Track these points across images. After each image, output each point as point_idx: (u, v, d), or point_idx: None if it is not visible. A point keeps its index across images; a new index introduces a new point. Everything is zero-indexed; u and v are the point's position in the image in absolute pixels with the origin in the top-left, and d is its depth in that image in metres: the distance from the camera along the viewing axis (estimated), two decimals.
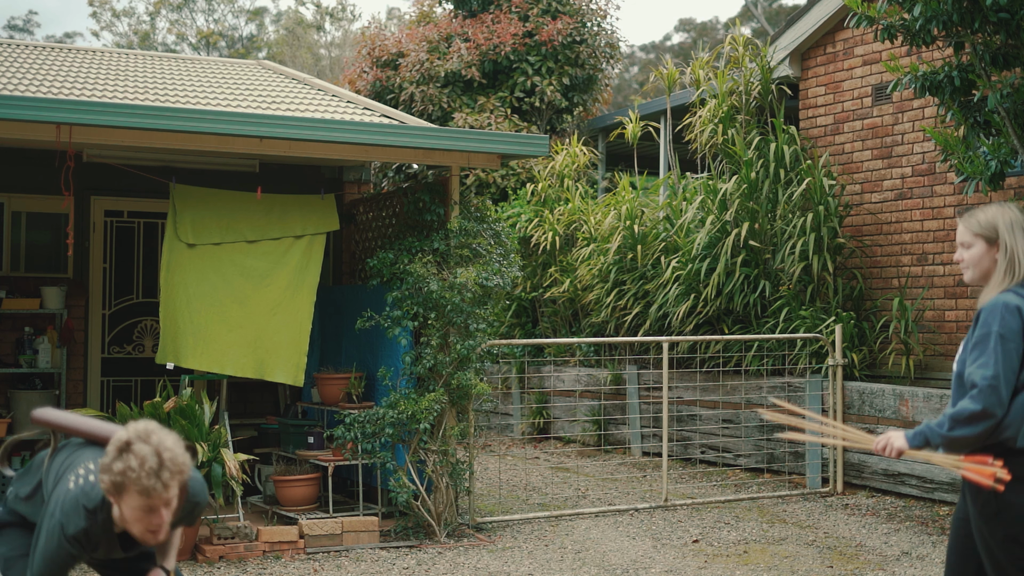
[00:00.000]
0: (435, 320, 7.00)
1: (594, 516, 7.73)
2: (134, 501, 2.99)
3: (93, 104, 6.14)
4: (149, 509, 3.00)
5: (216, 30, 28.75)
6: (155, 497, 2.98)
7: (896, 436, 3.30)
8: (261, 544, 6.53)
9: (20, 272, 8.35)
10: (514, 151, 7.25)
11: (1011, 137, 6.43)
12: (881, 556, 6.46)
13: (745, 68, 10.13)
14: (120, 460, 2.98)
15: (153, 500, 2.99)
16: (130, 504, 3.00)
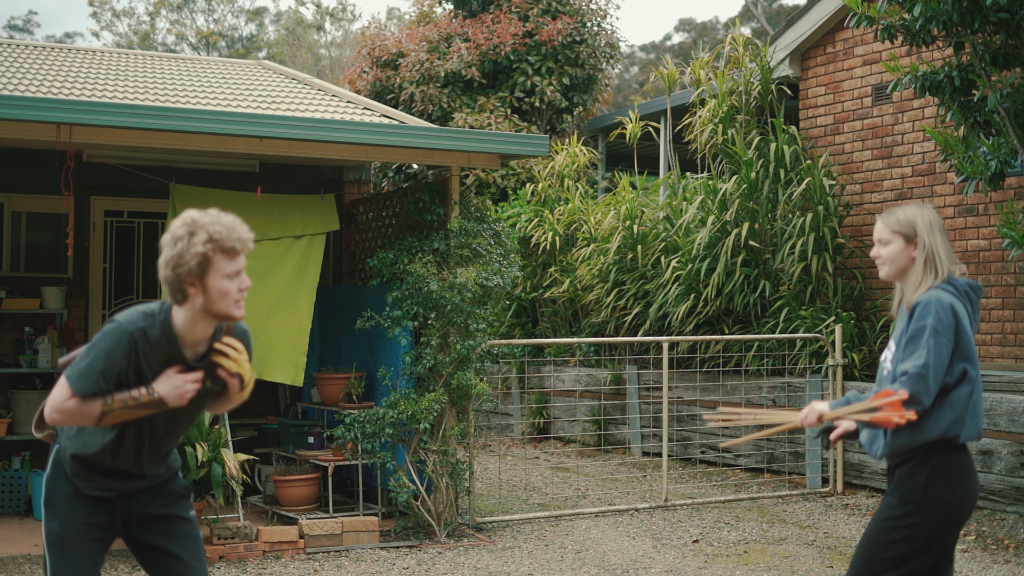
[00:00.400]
0: (435, 320, 7.01)
1: (594, 516, 7.73)
2: (221, 267, 3.04)
3: (93, 104, 6.14)
4: (236, 272, 3.06)
5: (216, 30, 28.74)
6: (240, 253, 3.06)
7: (819, 403, 3.40)
8: (261, 544, 6.53)
9: (20, 272, 8.35)
10: (514, 151, 7.25)
11: (1011, 137, 6.43)
12: None
13: (745, 68, 10.14)
14: (198, 234, 3.02)
15: (239, 259, 3.06)
16: (218, 273, 3.03)
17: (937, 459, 3.34)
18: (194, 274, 3.03)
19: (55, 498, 3.24)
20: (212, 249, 3.02)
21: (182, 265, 3.03)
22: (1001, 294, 8.28)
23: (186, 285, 3.05)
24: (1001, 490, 7.40)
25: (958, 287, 3.41)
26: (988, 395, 7.55)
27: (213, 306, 3.07)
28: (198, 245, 3.01)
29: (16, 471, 7.66)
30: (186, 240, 3.03)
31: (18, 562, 6.20)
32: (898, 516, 3.37)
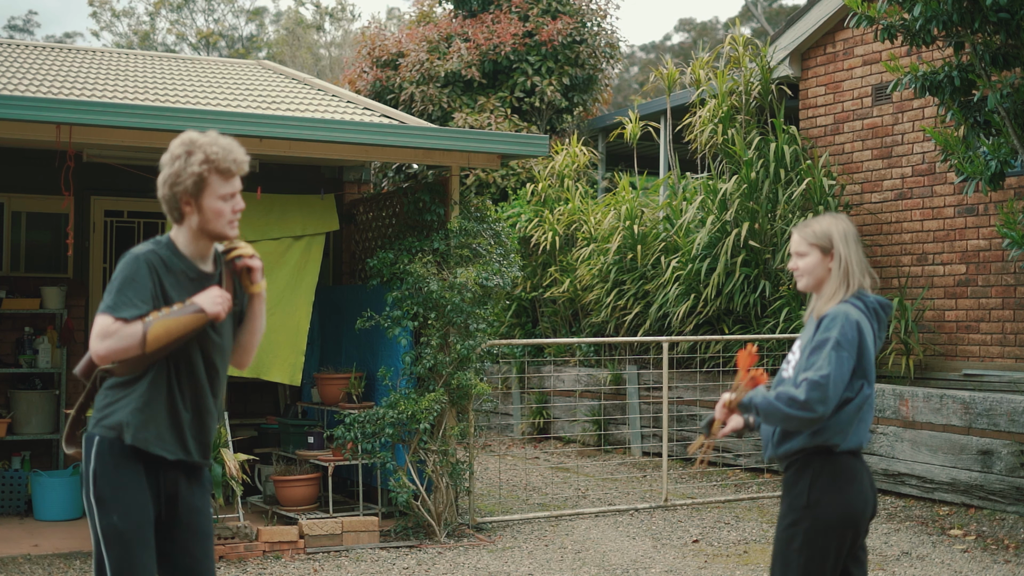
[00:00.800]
0: (435, 320, 7.00)
1: (594, 516, 7.73)
2: (217, 188, 3.10)
3: (93, 104, 6.14)
4: (231, 194, 3.13)
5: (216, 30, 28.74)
6: (236, 175, 3.13)
7: (727, 394, 3.53)
8: (261, 544, 6.53)
9: (20, 272, 8.35)
10: (514, 151, 7.25)
11: (1011, 137, 6.43)
12: (881, 556, 6.46)
13: (745, 68, 10.13)
14: (195, 155, 3.09)
15: (234, 180, 3.14)
16: (213, 194, 3.10)
17: (818, 464, 3.40)
18: (190, 193, 3.10)
19: (106, 490, 3.13)
20: (208, 170, 3.09)
21: (178, 184, 3.10)
22: (1001, 294, 8.28)
23: (182, 204, 3.12)
24: (1001, 490, 7.40)
25: (868, 304, 3.46)
26: (988, 395, 7.55)
27: (208, 225, 3.14)
28: (194, 165, 3.08)
29: (16, 471, 7.66)
30: (183, 159, 3.09)
31: (18, 562, 6.19)
32: (790, 524, 3.43)
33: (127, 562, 3.11)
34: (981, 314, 8.42)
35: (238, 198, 3.18)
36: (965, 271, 8.55)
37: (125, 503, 3.13)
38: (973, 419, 7.59)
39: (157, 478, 3.20)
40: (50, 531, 7.01)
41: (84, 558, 6.31)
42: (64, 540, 6.74)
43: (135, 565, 3.11)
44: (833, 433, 3.37)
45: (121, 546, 3.10)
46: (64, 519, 7.32)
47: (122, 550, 3.10)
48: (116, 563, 3.10)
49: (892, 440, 8.21)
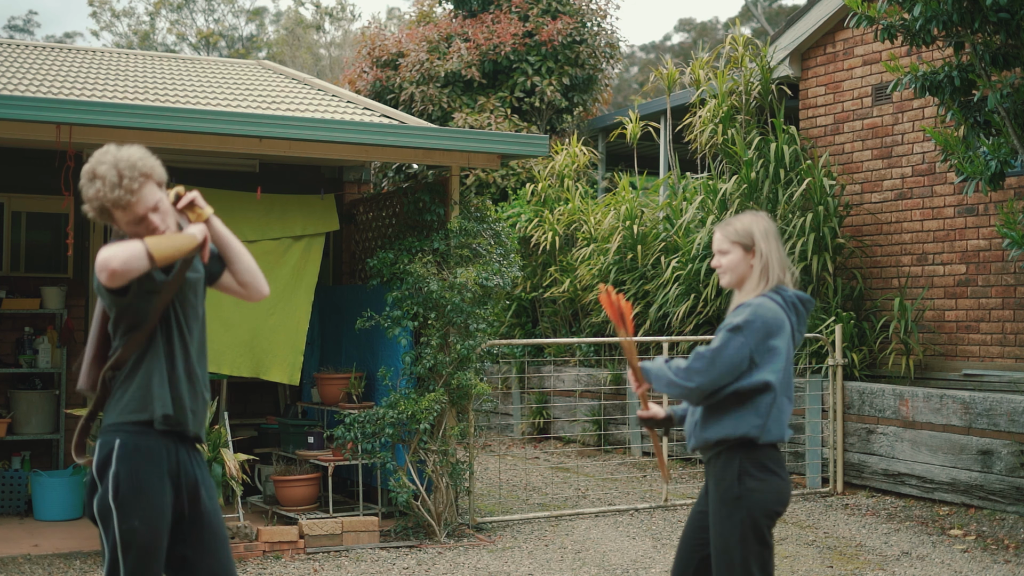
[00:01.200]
0: (435, 320, 7.00)
1: (594, 516, 7.73)
2: (120, 217, 3.12)
3: (93, 104, 6.14)
4: (136, 220, 3.12)
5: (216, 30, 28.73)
6: (130, 207, 3.09)
7: None
8: (261, 544, 6.52)
9: (20, 272, 8.35)
10: (514, 151, 7.25)
11: (1011, 137, 6.43)
12: (881, 556, 6.46)
13: (745, 68, 10.13)
14: (91, 187, 3.10)
15: (130, 210, 3.10)
16: (120, 222, 3.14)
17: (742, 453, 3.47)
18: (99, 219, 3.16)
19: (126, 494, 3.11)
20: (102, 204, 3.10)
21: (85, 207, 3.15)
22: (1001, 294, 8.28)
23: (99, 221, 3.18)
24: (1001, 490, 7.40)
25: (786, 298, 3.53)
26: (988, 395, 7.55)
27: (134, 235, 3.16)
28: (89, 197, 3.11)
29: (16, 471, 7.66)
30: (86, 184, 3.12)
31: (18, 562, 6.19)
32: (726, 518, 3.47)
33: (143, 569, 3.10)
34: (981, 314, 8.42)
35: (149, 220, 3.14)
36: (965, 271, 8.55)
37: (143, 506, 3.11)
38: (973, 419, 7.59)
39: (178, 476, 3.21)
40: (50, 531, 7.01)
41: (84, 558, 6.31)
42: (64, 540, 6.74)
43: (150, 572, 3.12)
44: (752, 426, 3.45)
45: (139, 552, 3.10)
46: (64, 519, 7.32)
47: (139, 557, 3.10)
48: (132, 569, 3.10)
49: (892, 440, 8.21)
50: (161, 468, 3.15)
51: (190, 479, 3.23)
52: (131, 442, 3.14)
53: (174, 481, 3.19)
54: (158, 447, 3.16)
